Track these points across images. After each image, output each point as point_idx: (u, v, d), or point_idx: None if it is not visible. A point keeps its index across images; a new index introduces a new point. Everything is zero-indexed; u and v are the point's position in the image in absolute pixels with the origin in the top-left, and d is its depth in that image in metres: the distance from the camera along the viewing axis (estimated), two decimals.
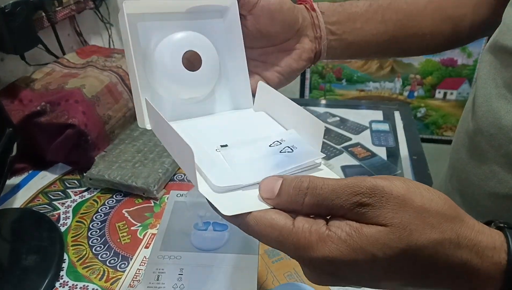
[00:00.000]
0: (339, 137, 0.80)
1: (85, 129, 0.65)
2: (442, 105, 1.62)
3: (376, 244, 0.25)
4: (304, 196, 0.27)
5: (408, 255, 0.25)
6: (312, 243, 0.25)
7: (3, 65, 0.74)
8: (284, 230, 0.26)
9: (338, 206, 0.26)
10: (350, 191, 0.26)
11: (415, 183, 0.27)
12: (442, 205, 0.26)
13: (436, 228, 0.25)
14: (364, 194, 0.25)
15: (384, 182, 0.26)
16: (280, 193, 0.27)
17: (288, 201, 0.27)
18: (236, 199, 0.29)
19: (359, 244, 0.25)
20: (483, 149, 0.46)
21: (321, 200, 0.26)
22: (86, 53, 0.83)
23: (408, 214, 0.25)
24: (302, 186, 0.27)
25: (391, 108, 0.91)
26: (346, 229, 0.25)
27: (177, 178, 0.68)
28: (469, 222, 0.27)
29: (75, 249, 0.55)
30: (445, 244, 0.25)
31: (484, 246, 0.26)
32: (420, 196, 0.26)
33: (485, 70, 0.47)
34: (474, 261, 0.26)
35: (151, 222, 0.59)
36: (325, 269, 0.26)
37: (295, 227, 0.26)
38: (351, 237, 0.25)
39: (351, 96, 1.65)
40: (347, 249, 0.25)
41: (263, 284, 0.48)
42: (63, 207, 0.62)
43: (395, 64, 1.56)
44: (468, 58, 1.52)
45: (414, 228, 0.25)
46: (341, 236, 0.25)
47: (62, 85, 0.70)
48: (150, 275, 0.46)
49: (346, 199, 0.26)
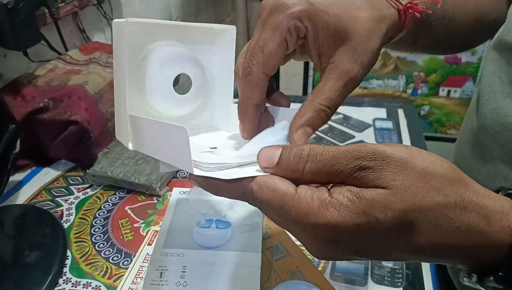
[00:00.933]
0: (342, 134, 0.80)
1: (88, 126, 0.65)
2: (446, 103, 1.61)
3: (378, 207, 0.25)
4: (304, 163, 0.26)
5: (410, 217, 0.25)
6: (314, 209, 0.25)
7: (6, 62, 0.73)
8: (287, 195, 0.26)
9: (338, 171, 0.26)
10: (351, 155, 0.25)
11: (417, 148, 0.26)
12: (445, 168, 0.26)
13: (440, 191, 0.25)
14: (364, 157, 0.25)
15: (385, 147, 0.26)
16: (279, 161, 0.27)
17: (289, 169, 0.27)
18: (235, 172, 0.29)
19: (361, 208, 0.25)
20: (488, 147, 0.46)
21: (321, 166, 0.26)
22: (89, 50, 0.83)
23: (410, 177, 0.25)
24: (302, 154, 0.27)
25: (395, 106, 0.90)
26: (347, 194, 0.25)
27: (179, 175, 0.68)
28: (474, 186, 0.26)
29: (78, 246, 0.55)
30: (449, 207, 0.25)
31: (492, 209, 0.26)
32: (422, 159, 0.26)
33: (490, 68, 0.46)
34: (481, 224, 0.25)
35: (154, 219, 0.59)
36: (326, 236, 0.26)
37: (297, 193, 0.26)
38: (353, 202, 0.25)
39: (354, 93, 1.63)
40: (349, 214, 0.25)
41: (266, 282, 0.48)
42: (66, 203, 0.62)
43: (399, 61, 1.55)
44: (472, 55, 1.51)
45: (416, 191, 0.25)
46: (342, 202, 0.25)
47: (65, 81, 0.70)
48: (153, 272, 0.46)
49: (347, 164, 0.25)
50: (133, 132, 0.35)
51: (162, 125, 0.30)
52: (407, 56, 1.54)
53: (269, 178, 0.27)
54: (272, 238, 0.53)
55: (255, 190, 0.27)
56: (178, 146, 0.29)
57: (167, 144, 0.30)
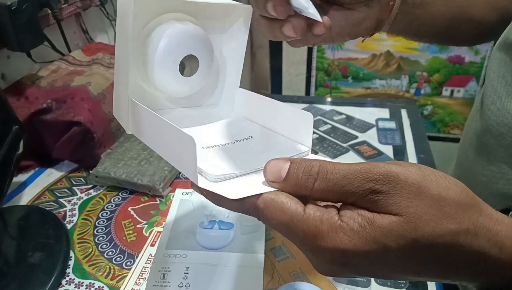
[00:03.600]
0: (345, 135, 0.80)
1: (91, 127, 0.66)
2: (449, 103, 1.60)
3: (390, 235, 0.24)
4: (314, 181, 0.25)
5: (422, 244, 0.24)
6: (323, 233, 0.25)
7: (9, 63, 0.74)
8: (295, 216, 0.25)
9: (349, 193, 0.25)
10: (363, 177, 0.25)
11: (431, 169, 0.26)
12: (459, 193, 0.25)
13: (453, 218, 0.24)
14: (377, 180, 0.24)
15: (399, 168, 0.25)
16: (287, 177, 0.26)
17: (297, 185, 0.26)
18: (240, 185, 0.28)
19: (372, 235, 0.24)
20: (492, 149, 0.46)
21: (332, 186, 0.25)
22: (92, 51, 0.83)
23: (424, 203, 0.24)
24: (312, 171, 0.26)
25: (398, 106, 0.90)
26: (359, 219, 0.24)
27: (182, 176, 0.68)
28: (487, 211, 0.26)
29: (81, 247, 0.55)
30: (461, 234, 0.24)
31: (504, 236, 0.25)
32: (436, 184, 0.25)
33: (494, 68, 0.46)
34: (492, 251, 0.25)
35: (156, 220, 0.59)
36: (335, 259, 0.25)
37: (306, 214, 0.25)
38: (364, 229, 0.24)
39: (357, 93, 1.64)
40: (360, 240, 0.24)
41: (269, 283, 0.47)
42: (69, 204, 0.63)
43: (402, 61, 1.55)
44: (476, 55, 1.50)
45: (430, 218, 0.24)
46: (353, 227, 0.24)
47: (68, 82, 0.70)
48: (156, 273, 0.46)
49: (359, 186, 0.25)
50: (133, 118, 0.33)
51: (170, 127, 0.28)
52: (410, 56, 1.53)
53: (276, 195, 0.26)
54: (275, 239, 0.53)
55: (261, 208, 0.26)
56: (184, 153, 0.28)
57: (171, 146, 0.29)
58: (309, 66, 1.63)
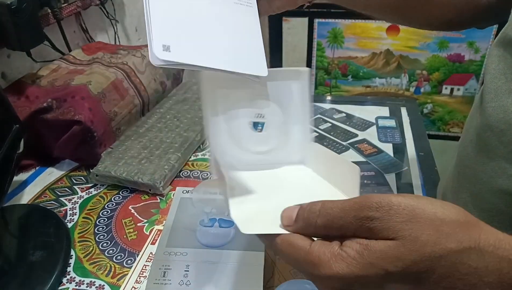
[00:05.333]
0: (345, 133, 0.80)
1: (91, 126, 0.66)
2: (449, 101, 1.61)
3: (386, 259, 0.25)
4: (316, 217, 0.28)
5: (421, 267, 0.24)
6: (324, 262, 0.26)
7: (10, 62, 0.74)
8: (302, 250, 0.28)
9: (347, 223, 0.26)
10: (358, 206, 0.26)
11: (427, 197, 0.26)
12: (456, 213, 0.25)
13: (452, 237, 0.24)
14: (371, 208, 0.25)
15: (392, 196, 0.26)
16: (297, 219, 0.29)
17: (304, 224, 0.28)
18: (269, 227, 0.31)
19: (368, 260, 0.25)
20: (492, 146, 0.46)
21: (332, 219, 0.27)
22: (92, 50, 0.83)
23: (420, 224, 0.24)
24: (314, 209, 0.28)
25: (398, 104, 0.90)
26: (356, 247, 0.26)
27: (183, 174, 0.68)
28: (487, 228, 0.25)
29: (82, 245, 0.55)
30: (465, 252, 0.24)
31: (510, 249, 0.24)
32: (431, 204, 0.25)
33: (494, 65, 0.46)
34: (505, 269, 0.24)
35: (157, 218, 0.59)
36: (336, 285, 0.27)
37: (311, 247, 0.27)
38: (361, 255, 0.25)
39: (357, 92, 1.64)
40: (357, 266, 0.25)
41: (269, 280, 0.48)
42: (70, 203, 0.63)
43: (402, 59, 1.55)
44: (476, 53, 1.50)
45: (427, 239, 0.24)
46: (350, 254, 0.26)
47: (68, 81, 0.70)
48: (156, 271, 0.46)
49: (355, 215, 0.26)
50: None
51: None
52: (410, 54, 1.53)
53: (291, 235, 0.29)
54: None
55: (278, 244, 0.29)
56: None
57: None
58: (309, 65, 1.63)
